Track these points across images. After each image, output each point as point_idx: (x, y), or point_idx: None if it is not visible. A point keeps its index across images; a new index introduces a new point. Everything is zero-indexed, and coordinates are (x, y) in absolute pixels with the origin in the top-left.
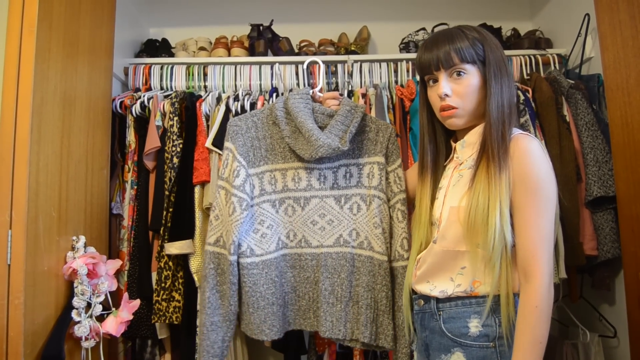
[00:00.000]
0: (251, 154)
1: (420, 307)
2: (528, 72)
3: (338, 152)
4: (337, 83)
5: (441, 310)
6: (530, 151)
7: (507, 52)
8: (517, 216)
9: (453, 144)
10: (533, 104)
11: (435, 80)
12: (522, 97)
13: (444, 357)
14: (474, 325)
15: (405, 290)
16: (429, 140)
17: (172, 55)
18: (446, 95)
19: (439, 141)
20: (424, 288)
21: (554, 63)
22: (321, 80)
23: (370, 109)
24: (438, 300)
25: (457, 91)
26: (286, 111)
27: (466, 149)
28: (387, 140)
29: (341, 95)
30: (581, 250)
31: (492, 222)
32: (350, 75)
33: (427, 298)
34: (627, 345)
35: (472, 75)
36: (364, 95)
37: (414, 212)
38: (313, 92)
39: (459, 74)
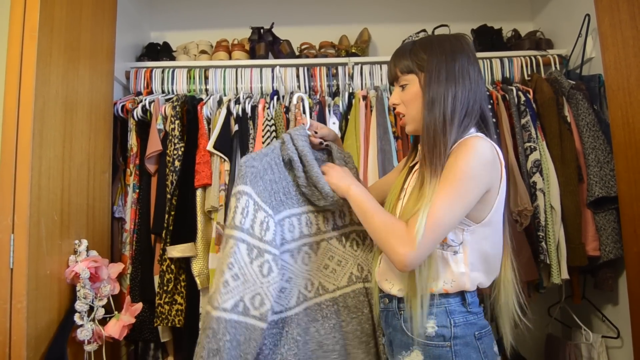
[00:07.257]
0: (273, 200)
1: (385, 305)
2: (529, 72)
3: None
4: (337, 85)
5: (402, 310)
6: (469, 146)
7: (508, 53)
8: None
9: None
10: (534, 105)
11: None
12: (523, 98)
13: (404, 354)
14: (431, 326)
15: (375, 290)
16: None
17: (173, 58)
18: (394, 104)
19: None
20: (385, 286)
21: (555, 64)
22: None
23: (371, 111)
24: (399, 299)
25: (403, 99)
26: (298, 154)
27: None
28: (354, 169)
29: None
30: (583, 251)
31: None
32: (351, 77)
33: (390, 297)
34: (630, 345)
35: (413, 84)
36: (365, 98)
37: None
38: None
39: (403, 85)
